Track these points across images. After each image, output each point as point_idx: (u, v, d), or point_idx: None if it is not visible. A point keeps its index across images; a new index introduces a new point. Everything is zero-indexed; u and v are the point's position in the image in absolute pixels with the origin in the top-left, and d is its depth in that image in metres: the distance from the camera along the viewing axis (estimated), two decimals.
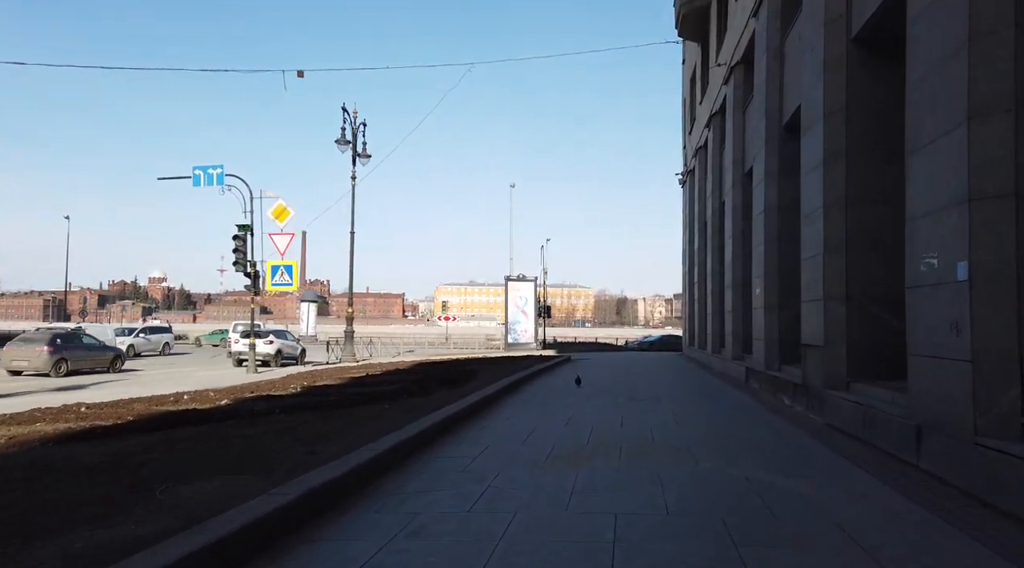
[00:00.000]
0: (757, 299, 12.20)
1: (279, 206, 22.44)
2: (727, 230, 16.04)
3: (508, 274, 35.85)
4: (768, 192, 11.55)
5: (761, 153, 11.89)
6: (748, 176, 14.59)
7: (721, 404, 10.52)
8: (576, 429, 7.75)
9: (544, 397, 11.13)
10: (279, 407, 8.80)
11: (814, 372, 8.58)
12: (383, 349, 36.39)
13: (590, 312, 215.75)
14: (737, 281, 15.09)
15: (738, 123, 15.10)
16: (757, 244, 12.23)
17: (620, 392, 12.05)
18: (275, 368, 21.75)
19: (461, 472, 5.53)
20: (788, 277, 11.13)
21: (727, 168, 16.33)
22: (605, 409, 9.59)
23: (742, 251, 14.82)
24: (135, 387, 14.34)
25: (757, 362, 12.34)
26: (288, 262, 22.45)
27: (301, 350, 26.43)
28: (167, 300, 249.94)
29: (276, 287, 22.58)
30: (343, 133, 26.36)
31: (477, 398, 9.50)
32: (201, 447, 5.68)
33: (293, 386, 12.74)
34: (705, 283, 20.92)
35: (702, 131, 21.05)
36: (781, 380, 10.50)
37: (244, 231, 21.80)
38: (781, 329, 11.27)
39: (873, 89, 7.89)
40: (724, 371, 16.31)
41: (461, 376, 13.96)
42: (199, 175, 21.84)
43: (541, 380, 14.85)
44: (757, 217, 12.24)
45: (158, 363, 26.03)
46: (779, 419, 8.63)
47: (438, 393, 10.53)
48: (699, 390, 12.98)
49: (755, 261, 12.46)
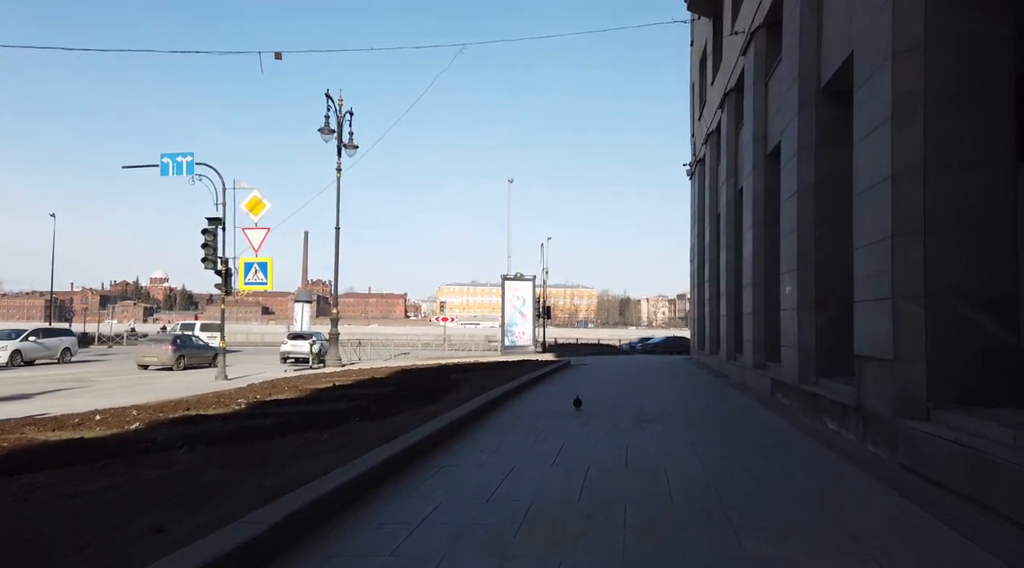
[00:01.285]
0: (787, 298, 10.24)
1: (254, 198, 20.60)
2: (746, 220, 14.08)
3: (505, 273, 33.88)
4: (802, 169, 9.59)
5: (792, 124, 9.93)
6: (773, 156, 12.63)
7: (750, 429, 8.55)
8: (567, 471, 5.80)
9: (533, 418, 9.18)
10: (191, 436, 6.89)
11: (876, 393, 6.62)
12: (373, 351, 34.53)
13: (593, 312, 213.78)
14: (758, 279, 13.13)
15: (759, 96, 13.14)
16: (787, 232, 10.27)
17: (624, 409, 10.10)
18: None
19: (380, 561, 3.59)
20: (829, 271, 9.18)
21: (745, 149, 14.37)
22: (606, 437, 7.63)
23: (765, 243, 12.86)
24: (83, 397, 12.88)
25: (787, 373, 10.38)
26: (262, 259, 20.61)
27: (320, 349, 27.15)
28: (169, 300, 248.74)
29: (249, 286, 20.73)
30: (327, 121, 24.62)
31: (445, 423, 7.56)
32: None
33: (241, 401, 10.85)
34: (718, 281, 18.95)
35: (714, 113, 19.08)
36: (821, 398, 8.53)
37: (215, 225, 20.03)
38: (819, 334, 9.31)
39: (962, 19, 5.94)
40: (742, 381, 14.34)
41: (440, 388, 12.04)
42: (167, 163, 20.10)
43: (534, 392, 12.90)
44: (787, 201, 10.28)
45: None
46: (832, 455, 6.66)
47: (403, 413, 8.61)
48: (717, 407, 11.02)
49: (784, 254, 10.50)
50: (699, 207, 23.60)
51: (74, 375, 19.07)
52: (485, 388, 11.95)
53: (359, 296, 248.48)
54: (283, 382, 14.34)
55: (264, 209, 20.61)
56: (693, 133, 25.57)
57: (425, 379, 14.08)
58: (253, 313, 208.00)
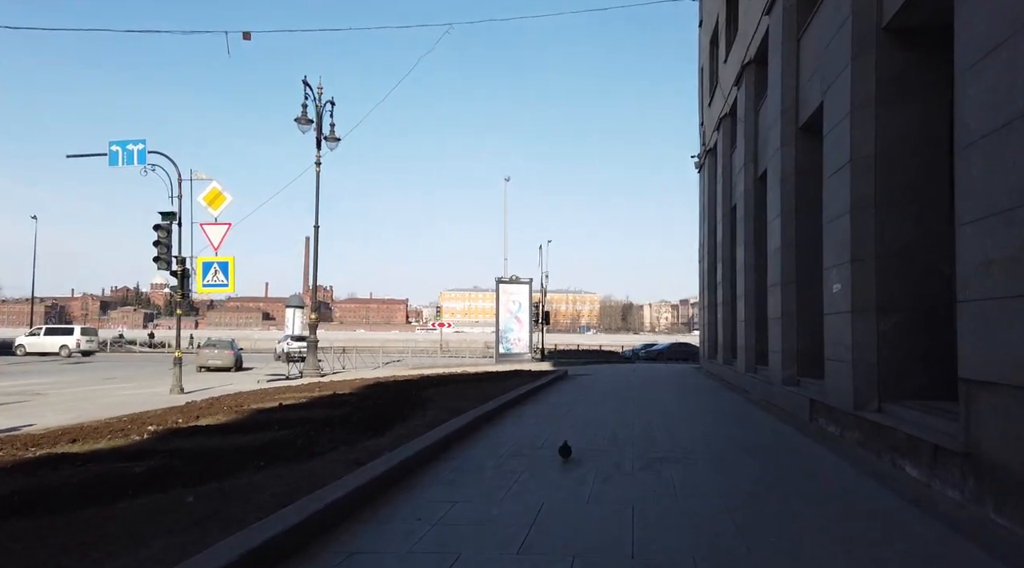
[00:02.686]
0: (836, 299, 8.06)
1: (213, 190, 18.49)
2: (771, 208, 11.91)
3: (501, 275, 31.65)
4: (857, 134, 7.42)
5: (843, 78, 7.78)
6: (806, 129, 10.50)
7: (799, 475, 6.37)
8: (540, 566, 3.65)
9: (508, 458, 7.00)
10: (17, 492, 4.75)
11: (1003, 436, 4.44)
12: (360, 359, 32.36)
13: (595, 318, 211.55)
14: (788, 277, 10.96)
15: (789, 59, 10.99)
16: (835, 216, 8.10)
17: (627, 441, 7.92)
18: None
19: None
20: (902, 260, 7.01)
21: (769, 125, 12.21)
22: (603, 491, 5.43)
23: (797, 233, 10.70)
24: (34, 409, 11.58)
25: (835, 394, 8.19)
26: (223, 258, 18.49)
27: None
28: (169, 306, 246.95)
29: (208, 288, 18.57)
30: (304, 111, 22.62)
31: (381, 471, 5.39)
32: None
33: (152, 427, 8.73)
34: (733, 283, 16.77)
35: (729, 93, 16.94)
36: (895, 433, 6.34)
37: (168, 220, 17.96)
38: (885, 345, 7.13)
39: None
40: (767, 398, 12.14)
41: (403, 409, 9.87)
42: (116, 152, 18.04)
43: (518, 414, 10.72)
44: (834, 177, 8.12)
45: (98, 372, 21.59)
46: (940, 528, 4.45)
47: (334, 451, 6.45)
48: (744, 435, 8.82)
49: (830, 243, 8.33)
50: (709, 202, 21.44)
51: (23, 388, 16.86)
52: (458, 410, 9.79)
53: (360, 302, 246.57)
54: (226, 400, 12.18)
55: (225, 202, 18.49)
56: (702, 122, 23.43)
57: (392, 396, 11.91)
58: (254, 319, 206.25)
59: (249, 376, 22.47)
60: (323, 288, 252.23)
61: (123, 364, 30.78)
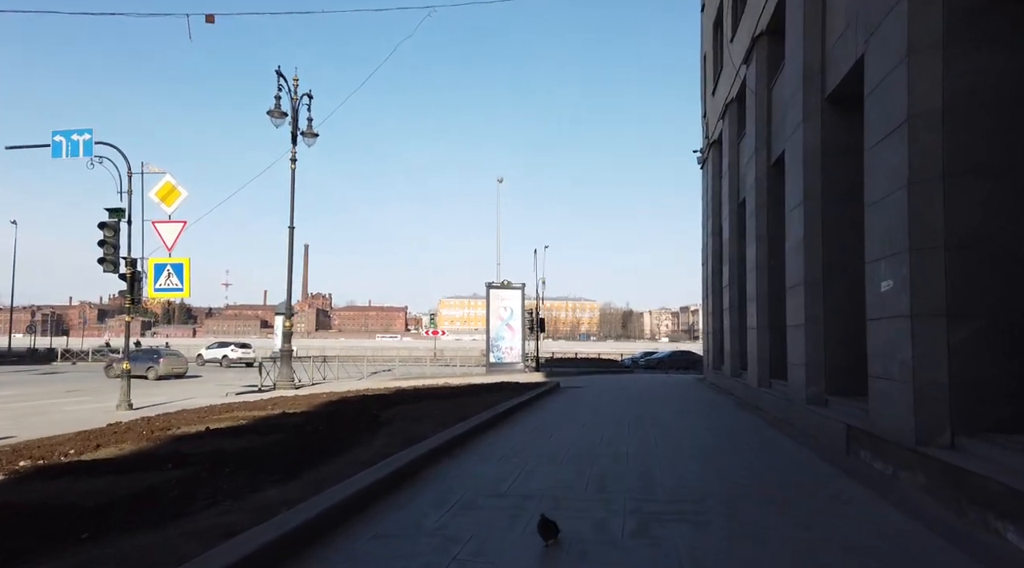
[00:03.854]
0: (885, 300, 6.27)
1: (166, 185, 16.79)
2: (791, 196, 10.15)
3: (490, 280, 29.81)
4: (918, 81, 5.67)
5: (896, 15, 6.04)
6: (835, 99, 8.76)
7: (868, 553, 4.57)
8: None
9: (455, 513, 5.20)
10: None
11: None
12: (342, 369, 30.35)
13: (595, 326, 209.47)
14: (811, 275, 9.18)
15: (812, 17, 9.25)
16: (884, 194, 6.32)
17: (619, 482, 6.11)
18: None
19: None
20: (975, 256, 5.25)
21: (788, 99, 10.44)
22: None
23: (825, 222, 8.94)
24: None
25: (887, 423, 6.39)
26: (177, 260, 16.78)
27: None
28: (167, 314, 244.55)
29: (160, 293, 16.83)
30: (277, 103, 20.94)
31: (233, 559, 3.61)
32: None
33: (24, 463, 6.98)
34: (742, 285, 14.99)
35: (736, 73, 15.21)
36: (986, 482, 4.54)
37: (116, 218, 16.26)
38: (957, 361, 5.35)
39: None
40: (786, 418, 10.32)
41: (343, 439, 8.05)
42: (60, 142, 16.36)
43: (489, 442, 8.90)
44: (882, 145, 6.35)
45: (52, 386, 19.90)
46: None
47: (197, 516, 4.66)
48: (769, 474, 7.01)
49: (874, 231, 6.54)
50: (714, 198, 19.69)
51: None
52: (415, 437, 8.01)
53: (359, 309, 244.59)
54: (156, 421, 10.38)
55: (179, 198, 16.80)
56: (705, 113, 21.71)
57: (347, 417, 10.10)
58: (252, 326, 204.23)
59: (225, 387, 20.75)
60: (322, 296, 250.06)
61: (98, 375, 28.96)
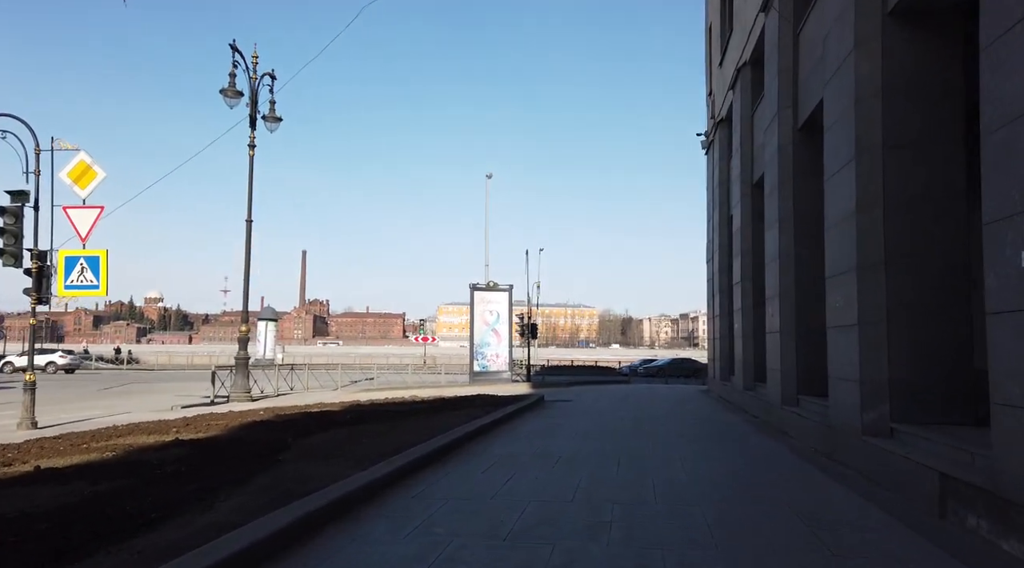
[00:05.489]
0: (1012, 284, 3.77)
1: (80, 164, 14.34)
2: (834, 155, 7.65)
3: (475, 282, 27.28)
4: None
5: None
6: (897, 14, 6.26)
7: None
8: None
9: None
10: None
11: None
12: (321, 377, 27.07)
13: (594, 332, 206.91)
14: (866, 257, 6.70)
15: None
16: (998, 125, 3.84)
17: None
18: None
19: None
20: None
21: (829, 33, 7.92)
22: None
23: (888, 183, 6.45)
24: None
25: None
26: (92, 252, 14.32)
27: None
28: (163, 320, 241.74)
29: (72, 291, 14.34)
30: (232, 80, 18.48)
31: None
32: None
33: None
34: (760, 281, 12.49)
35: (752, 28, 12.76)
36: None
37: (19, 202, 13.78)
38: None
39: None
40: (829, 451, 7.79)
41: (180, 499, 5.53)
42: None
43: (419, 491, 6.33)
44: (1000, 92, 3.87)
45: None
46: None
47: None
48: (835, 564, 4.48)
49: (1001, 182, 4.06)
50: (720, 184, 17.22)
51: None
52: (291, 494, 5.43)
53: (356, 316, 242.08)
54: None
55: (95, 179, 14.36)
56: (711, 91, 19.27)
57: (240, 449, 7.56)
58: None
59: (182, 398, 18.14)
60: (320, 302, 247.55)
61: (61, 385, 26.36)
